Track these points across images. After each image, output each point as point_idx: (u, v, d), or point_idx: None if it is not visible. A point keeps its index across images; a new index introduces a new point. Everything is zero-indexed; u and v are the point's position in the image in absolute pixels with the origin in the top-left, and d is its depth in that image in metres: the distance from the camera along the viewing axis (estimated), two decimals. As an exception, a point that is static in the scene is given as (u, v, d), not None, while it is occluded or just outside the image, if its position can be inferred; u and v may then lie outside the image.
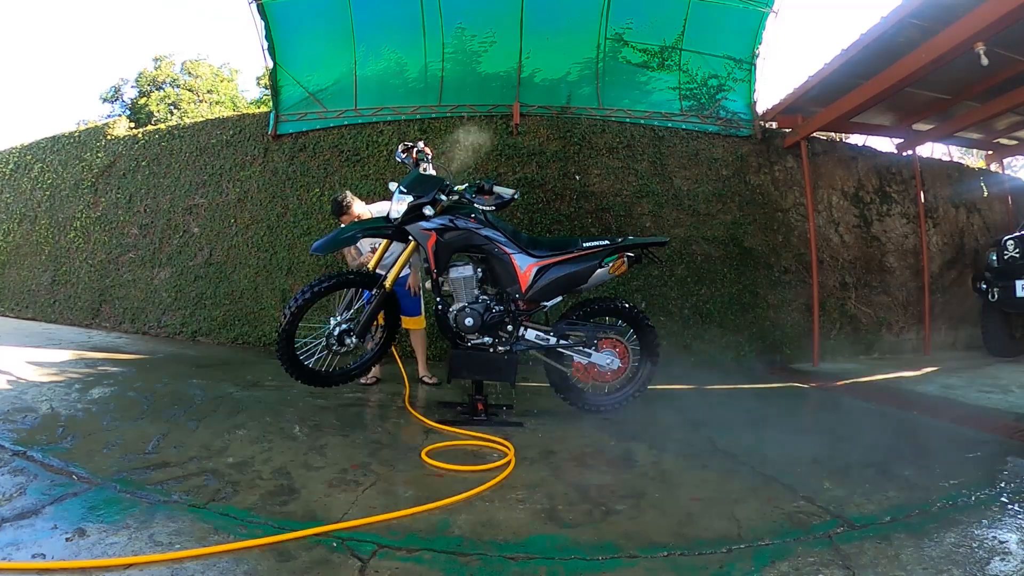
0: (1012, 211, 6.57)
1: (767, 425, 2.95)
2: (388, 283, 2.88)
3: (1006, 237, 5.02)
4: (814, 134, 5.34)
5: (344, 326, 2.80)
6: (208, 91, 18.84)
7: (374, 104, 5.26)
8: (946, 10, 3.54)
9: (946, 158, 7.41)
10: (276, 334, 2.79)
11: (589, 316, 3.06)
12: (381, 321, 3.05)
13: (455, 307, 2.91)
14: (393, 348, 3.32)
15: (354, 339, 2.81)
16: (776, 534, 1.64)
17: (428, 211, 2.81)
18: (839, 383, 4.18)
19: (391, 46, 5.19)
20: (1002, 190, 6.69)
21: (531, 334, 2.97)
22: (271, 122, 5.35)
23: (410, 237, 2.87)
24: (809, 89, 4.87)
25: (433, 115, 5.21)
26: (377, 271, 2.96)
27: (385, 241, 2.97)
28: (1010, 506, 1.84)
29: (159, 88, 18.83)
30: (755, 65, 5.25)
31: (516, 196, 2.83)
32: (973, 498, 1.90)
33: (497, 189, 2.81)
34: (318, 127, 5.31)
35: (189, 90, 18.62)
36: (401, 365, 3.73)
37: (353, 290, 2.92)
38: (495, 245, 2.91)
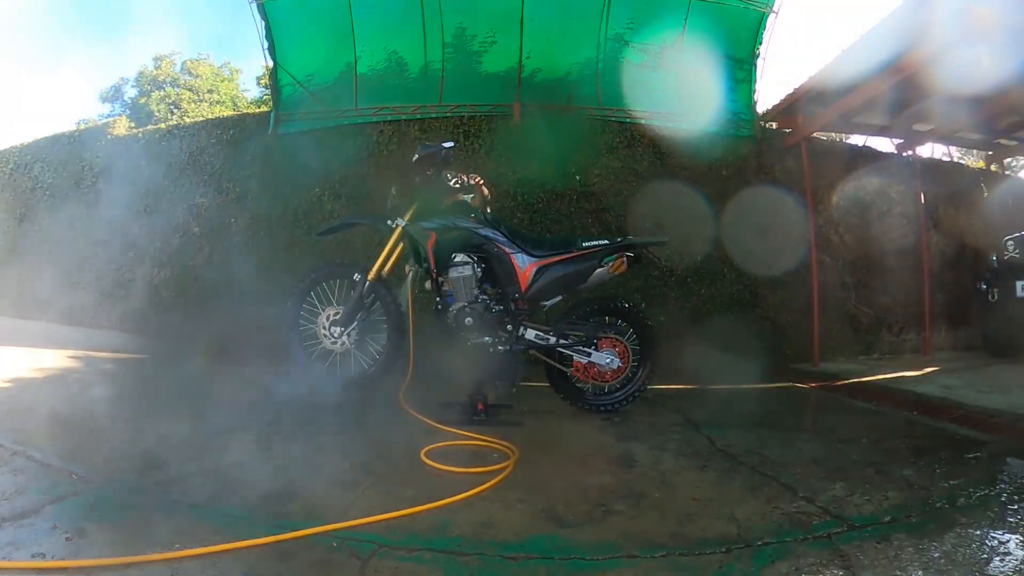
0: (1012, 211, 6.56)
1: (767, 425, 2.95)
2: (372, 274, 3.00)
3: (1006, 237, 5.02)
4: (814, 134, 5.33)
5: (333, 316, 3.04)
6: (208, 90, 18.85)
7: (374, 104, 5.26)
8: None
9: (946, 158, 7.40)
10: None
11: (589, 316, 3.06)
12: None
13: (455, 307, 2.91)
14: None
15: (339, 328, 3.02)
16: (776, 534, 1.64)
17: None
18: (839, 383, 4.18)
19: (391, 46, 5.20)
20: (1002, 190, 6.68)
21: (531, 334, 2.97)
22: (271, 122, 5.34)
23: (392, 224, 2.99)
24: (809, 89, 4.87)
25: (433, 115, 5.20)
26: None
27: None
28: (1010, 506, 1.83)
29: (159, 87, 18.83)
30: (755, 65, 5.24)
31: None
32: (973, 498, 1.90)
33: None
34: (318, 127, 5.30)
35: (189, 89, 18.63)
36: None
37: (358, 296, 3.03)
38: (494, 245, 2.92)
